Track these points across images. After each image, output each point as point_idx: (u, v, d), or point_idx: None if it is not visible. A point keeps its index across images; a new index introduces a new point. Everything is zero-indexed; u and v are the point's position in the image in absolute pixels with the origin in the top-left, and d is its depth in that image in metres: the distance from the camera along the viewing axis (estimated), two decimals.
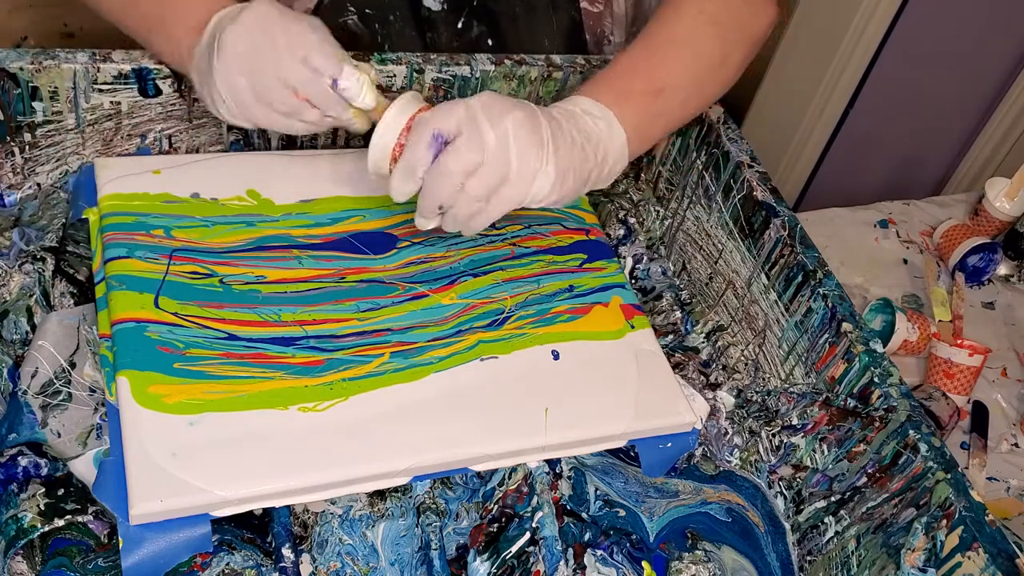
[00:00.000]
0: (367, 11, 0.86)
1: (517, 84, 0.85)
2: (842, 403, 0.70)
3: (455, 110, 0.62)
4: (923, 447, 0.64)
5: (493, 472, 0.68)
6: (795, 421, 0.73)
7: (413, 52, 0.83)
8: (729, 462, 0.75)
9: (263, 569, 0.61)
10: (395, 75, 0.80)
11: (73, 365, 0.64)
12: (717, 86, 0.78)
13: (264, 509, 0.62)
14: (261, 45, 0.63)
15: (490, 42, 0.89)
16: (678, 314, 0.86)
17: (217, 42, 0.64)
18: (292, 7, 0.87)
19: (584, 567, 0.65)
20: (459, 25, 0.88)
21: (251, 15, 0.64)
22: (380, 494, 0.66)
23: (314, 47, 0.64)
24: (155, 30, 0.69)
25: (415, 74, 0.81)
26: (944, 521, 0.62)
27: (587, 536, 0.67)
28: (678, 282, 0.89)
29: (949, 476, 0.62)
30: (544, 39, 0.90)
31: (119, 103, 0.73)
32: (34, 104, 0.70)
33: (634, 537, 0.68)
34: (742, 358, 0.81)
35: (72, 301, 0.70)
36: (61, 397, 0.62)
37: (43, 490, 0.60)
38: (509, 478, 0.67)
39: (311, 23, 0.66)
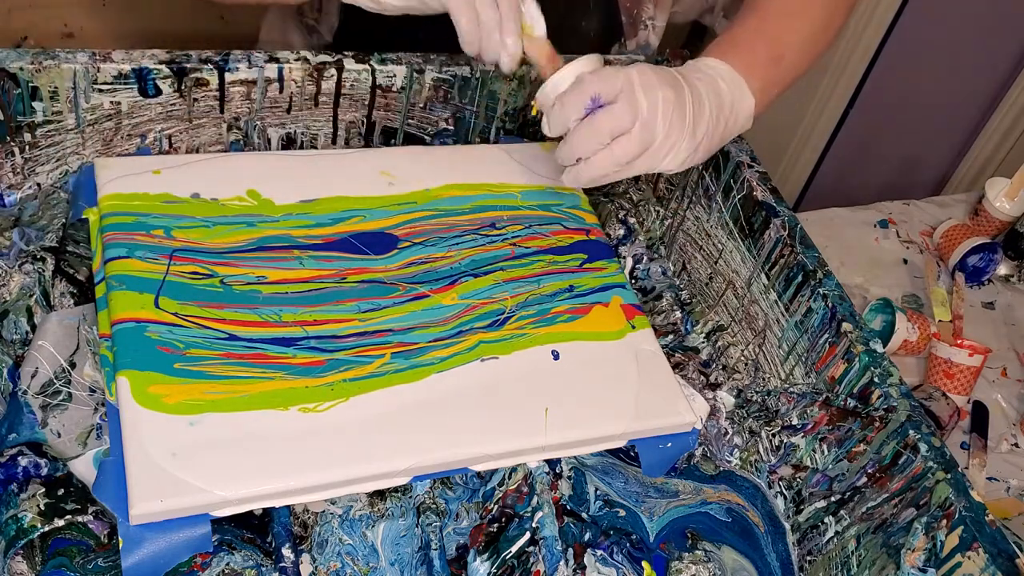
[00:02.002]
0: None
1: (517, 84, 0.85)
2: (842, 403, 0.70)
3: (616, 77, 0.67)
4: (923, 447, 0.64)
5: (493, 472, 0.68)
6: (795, 421, 0.73)
7: (445, 40, 0.84)
8: (729, 462, 0.75)
9: (263, 569, 0.61)
10: (395, 75, 0.80)
11: (73, 365, 0.64)
12: (821, 51, 0.83)
13: (264, 509, 0.62)
14: None
15: None
16: (678, 314, 0.86)
17: None
18: (327, 7, 0.86)
19: (584, 567, 0.65)
20: None
21: None
22: (380, 494, 0.66)
23: None
24: None
25: (415, 74, 0.81)
26: (944, 521, 0.62)
27: (587, 536, 0.67)
28: (678, 282, 0.89)
29: (949, 476, 0.62)
30: (581, 20, 0.92)
31: (119, 103, 0.73)
32: (34, 104, 0.70)
33: (634, 537, 0.68)
34: (742, 358, 0.81)
35: (72, 301, 0.70)
36: (61, 397, 0.62)
37: (43, 490, 0.60)
38: (509, 478, 0.67)
39: None
